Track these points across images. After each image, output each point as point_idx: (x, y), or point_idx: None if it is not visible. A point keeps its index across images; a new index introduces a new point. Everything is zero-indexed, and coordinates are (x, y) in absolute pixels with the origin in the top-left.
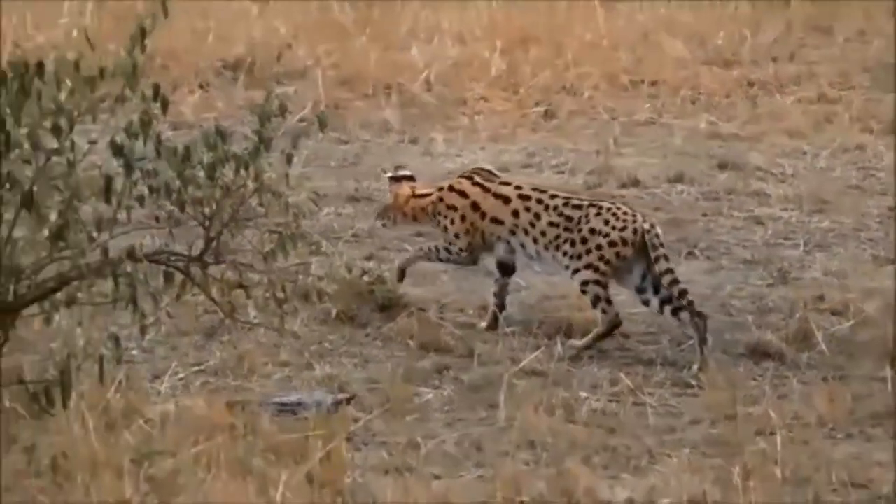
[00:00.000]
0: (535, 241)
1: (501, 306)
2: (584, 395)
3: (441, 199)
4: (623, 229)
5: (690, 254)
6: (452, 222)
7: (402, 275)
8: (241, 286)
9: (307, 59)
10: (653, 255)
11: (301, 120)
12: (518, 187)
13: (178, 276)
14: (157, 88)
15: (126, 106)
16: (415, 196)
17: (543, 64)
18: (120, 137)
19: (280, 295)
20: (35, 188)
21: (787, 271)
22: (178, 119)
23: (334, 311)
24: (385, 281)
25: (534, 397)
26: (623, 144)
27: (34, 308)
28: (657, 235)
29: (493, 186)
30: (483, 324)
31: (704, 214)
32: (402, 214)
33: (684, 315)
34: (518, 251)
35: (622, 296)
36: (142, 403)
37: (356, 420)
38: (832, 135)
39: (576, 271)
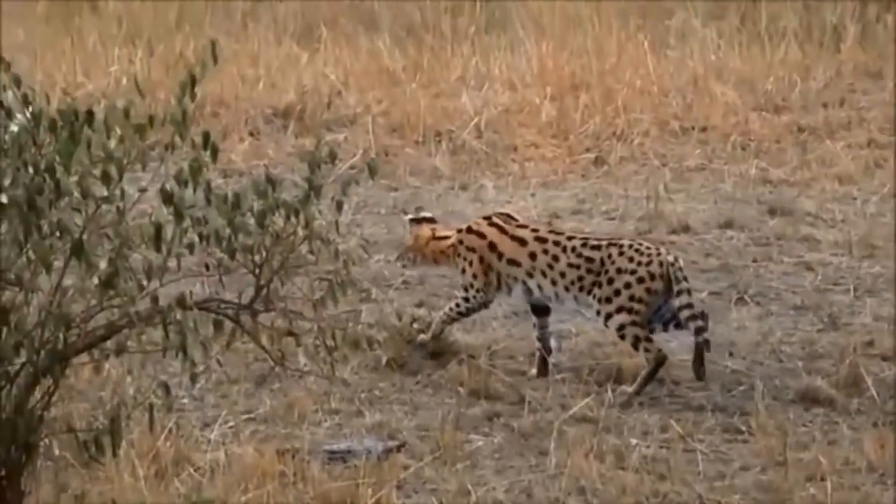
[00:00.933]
0: (554, 282)
1: (547, 349)
2: (634, 441)
3: (461, 242)
4: (649, 264)
5: (740, 300)
6: (471, 264)
7: (435, 337)
8: (291, 334)
9: (357, 106)
10: (675, 288)
11: (351, 167)
12: (535, 230)
13: (229, 324)
14: (206, 136)
15: (176, 153)
16: (434, 238)
17: (593, 110)
18: (170, 185)
19: (330, 342)
20: (85, 236)
21: (837, 317)
22: (229, 166)
23: (384, 359)
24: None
25: (584, 444)
26: (673, 190)
27: (84, 356)
28: (680, 269)
29: (510, 229)
30: (533, 370)
31: (754, 260)
32: (422, 256)
33: (685, 319)
34: (536, 293)
35: (673, 342)
36: (192, 451)
37: (406, 467)
38: (882, 180)
39: (608, 316)
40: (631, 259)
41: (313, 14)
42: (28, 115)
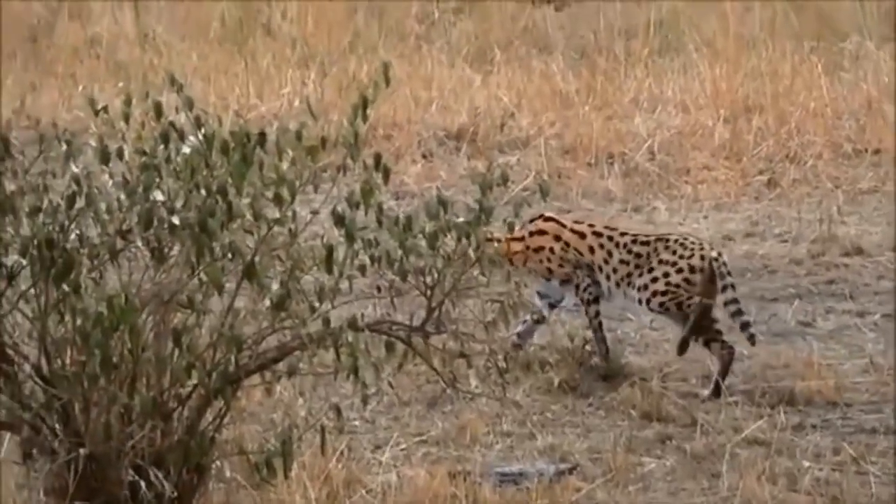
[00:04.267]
0: (608, 277)
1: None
2: (807, 464)
3: (527, 248)
4: (691, 257)
5: None
6: (549, 260)
7: (605, 357)
8: (462, 356)
9: (530, 129)
10: (720, 283)
11: (523, 189)
12: (591, 225)
13: (400, 346)
14: (378, 158)
15: (348, 175)
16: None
17: (767, 132)
18: (342, 207)
19: (502, 364)
20: (257, 258)
21: None
22: (401, 188)
23: (556, 381)
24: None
25: (756, 466)
26: (846, 213)
27: (255, 378)
28: (724, 264)
29: (568, 223)
30: (706, 392)
31: None
32: None
33: (715, 346)
34: None
35: (845, 365)
36: (363, 473)
37: (578, 490)
38: None
39: (648, 301)
40: (674, 252)
41: (486, 37)
42: (200, 137)
